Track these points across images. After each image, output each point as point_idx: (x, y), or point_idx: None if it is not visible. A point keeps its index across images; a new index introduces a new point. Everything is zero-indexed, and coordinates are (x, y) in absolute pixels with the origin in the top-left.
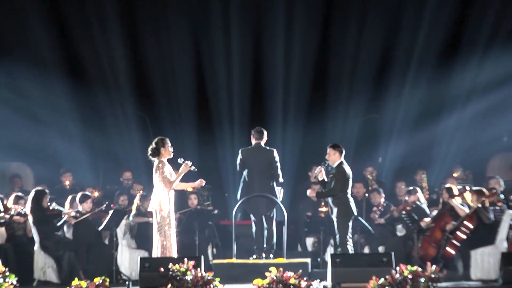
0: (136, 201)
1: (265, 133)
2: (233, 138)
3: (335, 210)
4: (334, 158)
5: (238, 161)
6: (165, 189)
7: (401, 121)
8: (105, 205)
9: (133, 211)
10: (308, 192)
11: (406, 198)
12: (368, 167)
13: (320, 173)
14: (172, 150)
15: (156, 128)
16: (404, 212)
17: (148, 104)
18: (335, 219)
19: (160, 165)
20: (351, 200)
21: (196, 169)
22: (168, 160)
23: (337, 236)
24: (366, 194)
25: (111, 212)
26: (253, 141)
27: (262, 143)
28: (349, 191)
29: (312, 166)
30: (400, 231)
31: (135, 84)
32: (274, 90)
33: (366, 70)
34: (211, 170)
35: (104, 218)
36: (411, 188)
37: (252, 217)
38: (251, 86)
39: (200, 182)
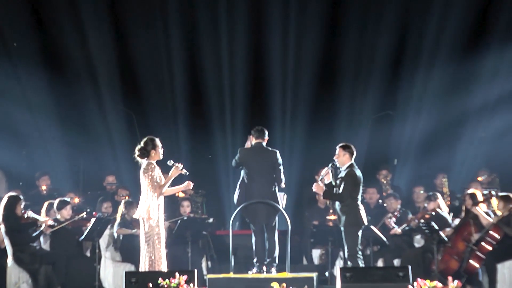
0: (121, 208)
1: (266, 132)
2: (231, 138)
3: (343, 218)
4: (344, 159)
5: (235, 159)
6: (154, 194)
7: (420, 119)
8: (86, 213)
9: (118, 220)
10: (314, 186)
11: (425, 205)
12: (382, 170)
13: (327, 174)
14: (162, 152)
15: (144, 127)
16: (422, 220)
17: (135, 100)
18: (343, 229)
19: (149, 167)
20: (361, 207)
21: (187, 173)
22: (157, 162)
23: (346, 248)
24: (380, 201)
25: (93, 220)
26: (253, 141)
27: (264, 143)
28: (359, 197)
29: (319, 169)
30: (418, 242)
31: (120, 78)
32: (276, 85)
33: (380, 61)
34: (205, 173)
35: (85, 227)
36: (430, 193)
37: (252, 227)
38: (250, 80)
39: (188, 185)
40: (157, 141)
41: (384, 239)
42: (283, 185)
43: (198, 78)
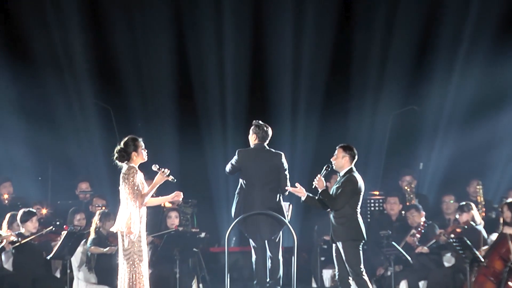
0: (95, 221)
1: (270, 131)
2: (226, 138)
3: (340, 231)
4: (343, 163)
5: (231, 162)
6: (136, 204)
7: (449, 115)
8: (55, 226)
9: (92, 235)
10: (316, 181)
11: (456, 217)
12: (405, 176)
13: (319, 181)
14: (146, 154)
15: (123, 124)
16: (453, 235)
17: (113, 93)
18: (340, 245)
19: (130, 172)
20: (361, 220)
21: (175, 180)
22: (141, 166)
23: (348, 267)
24: (403, 212)
25: (63, 235)
26: (254, 142)
27: (266, 144)
28: (358, 208)
29: (331, 175)
30: (448, 260)
31: (96, 68)
32: (280, 76)
33: (403, 49)
34: (196, 179)
35: (54, 243)
36: (462, 203)
37: (252, 242)
38: (249, 70)
39: (176, 196)
40: (140, 141)
41: (408, 257)
42: (287, 191)
43: (187, 67)
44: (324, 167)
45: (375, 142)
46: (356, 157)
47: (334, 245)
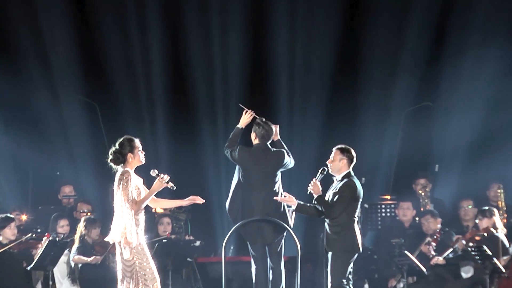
0: (80, 228)
1: (274, 129)
2: (223, 136)
3: (333, 240)
4: (340, 166)
5: (232, 151)
6: (130, 212)
7: (467, 112)
8: (36, 233)
9: (76, 243)
10: (311, 185)
11: (476, 221)
12: (419, 179)
13: (315, 185)
14: (144, 156)
15: (111, 122)
16: (471, 244)
17: (99, 88)
18: (330, 254)
19: (124, 177)
20: (357, 230)
21: (174, 187)
22: (139, 170)
23: (329, 279)
24: (417, 218)
25: (45, 243)
26: (255, 141)
27: (269, 144)
28: (356, 217)
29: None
30: (466, 271)
31: (81, 62)
32: (282, 68)
33: (417, 39)
34: (190, 183)
35: (35, 251)
36: (484, 208)
37: (251, 251)
38: (249, 62)
39: (193, 199)
40: (136, 142)
41: (422, 268)
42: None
43: (180, 60)
44: (320, 171)
45: (386, 142)
46: (355, 159)
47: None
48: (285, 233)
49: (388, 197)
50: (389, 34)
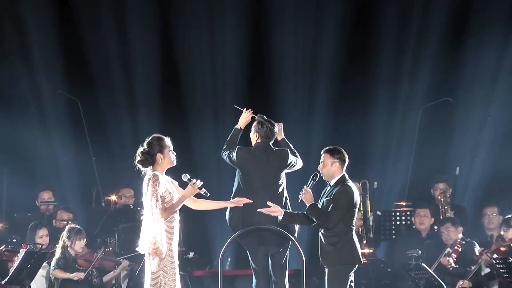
0: (63, 238)
1: (277, 128)
2: (219, 138)
3: (330, 252)
4: (333, 170)
5: (230, 154)
6: (159, 220)
7: (492, 109)
8: (11, 244)
9: (57, 255)
10: (302, 193)
11: (501, 233)
12: (438, 183)
13: (306, 193)
14: (175, 157)
15: (94, 119)
16: (496, 256)
17: (82, 82)
18: (326, 269)
19: (153, 181)
20: (356, 240)
21: (208, 194)
22: (170, 172)
23: None
24: (435, 227)
25: (21, 254)
26: (257, 141)
27: (272, 144)
28: (353, 225)
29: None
30: (491, 286)
31: (62, 54)
32: (286, 61)
33: (435, 28)
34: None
35: (10, 263)
36: (508, 217)
37: (252, 263)
38: (248, 55)
39: (238, 202)
40: (167, 141)
41: (441, 282)
42: None
43: (169, 53)
44: (311, 177)
45: (402, 142)
46: (347, 160)
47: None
48: (290, 243)
49: (403, 203)
50: (405, 22)
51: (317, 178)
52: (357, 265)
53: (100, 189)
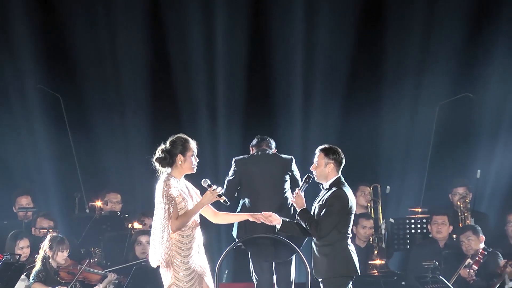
0: (45, 248)
1: (273, 142)
2: (216, 136)
3: (323, 263)
4: (327, 172)
5: (227, 179)
6: (170, 228)
7: None
8: None
9: (37, 266)
10: (293, 197)
11: None
12: (457, 187)
13: (298, 197)
14: (196, 164)
15: (77, 117)
16: None
17: (64, 76)
18: (320, 281)
19: (167, 184)
20: (353, 249)
21: (228, 202)
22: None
23: None
24: (454, 236)
25: None
26: (253, 151)
27: (270, 151)
28: (349, 233)
29: (358, 184)
30: None
31: (44, 48)
32: (289, 51)
33: (454, 17)
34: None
35: None
36: None
37: (254, 274)
38: (249, 41)
39: (265, 217)
40: (192, 144)
41: None
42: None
43: (157, 45)
44: (304, 179)
45: (417, 142)
46: (343, 161)
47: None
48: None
49: (419, 209)
50: (421, 11)
51: (309, 181)
52: (354, 277)
53: (84, 194)
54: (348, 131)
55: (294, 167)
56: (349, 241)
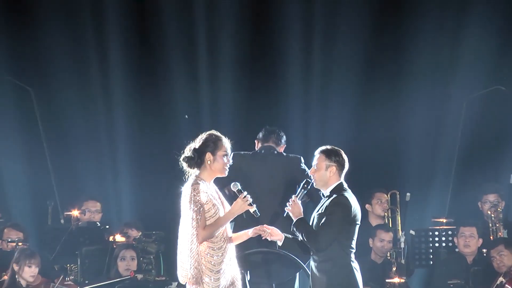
0: (13, 262)
1: (283, 136)
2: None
3: (321, 280)
4: (327, 177)
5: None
6: (199, 239)
7: None
8: None
9: (5, 283)
10: (289, 205)
11: None
12: (488, 194)
13: (295, 205)
14: (229, 164)
15: (51, 113)
16: None
17: (36, 67)
18: None
19: (195, 188)
20: (356, 266)
21: (259, 214)
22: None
23: None
24: (484, 250)
25: None
26: (258, 146)
27: (277, 149)
28: (353, 247)
29: (374, 192)
30: None
31: (11, 37)
32: (295, 32)
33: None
34: (164, 199)
35: None
36: None
37: None
38: (249, 26)
39: (260, 231)
40: (225, 143)
41: None
42: None
43: (149, 30)
44: (302, 184)
45: (441, 142)
46: (347, 165)
47: None
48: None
49: (444, 220)
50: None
51: (308, 187)
52: None
53: (58, 202)
54: (364, 129)
55: (301, 168)
56: (352, 256)
